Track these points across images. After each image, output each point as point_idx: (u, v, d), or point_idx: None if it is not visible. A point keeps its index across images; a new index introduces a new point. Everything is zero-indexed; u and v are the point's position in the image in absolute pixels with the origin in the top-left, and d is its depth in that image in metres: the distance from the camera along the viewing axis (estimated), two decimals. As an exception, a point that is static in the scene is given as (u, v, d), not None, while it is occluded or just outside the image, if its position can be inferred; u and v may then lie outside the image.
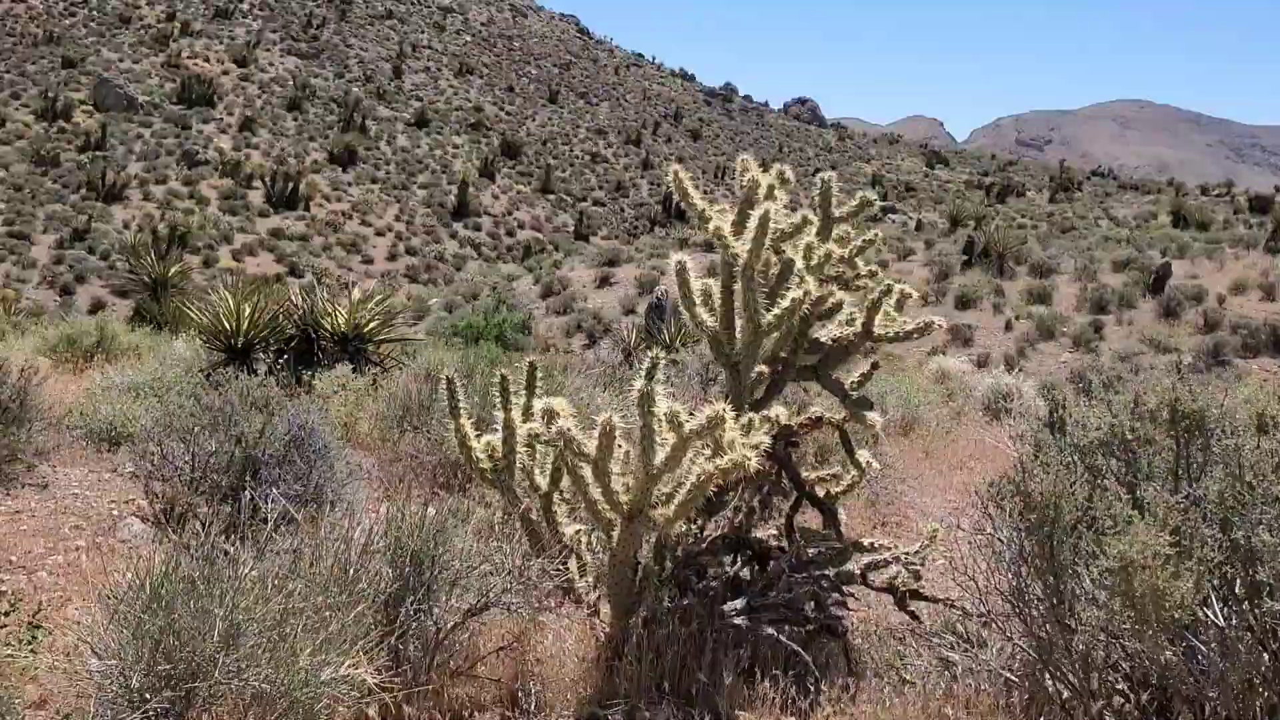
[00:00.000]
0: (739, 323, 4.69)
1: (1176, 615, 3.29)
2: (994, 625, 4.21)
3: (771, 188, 4.72)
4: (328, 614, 3.85)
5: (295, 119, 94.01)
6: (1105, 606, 3.40)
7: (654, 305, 26.76)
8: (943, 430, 12.27)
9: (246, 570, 3.83)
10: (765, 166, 4.91)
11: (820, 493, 5.38)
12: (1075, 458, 3.98)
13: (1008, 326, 34.01)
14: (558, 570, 4.41)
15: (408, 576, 4.03)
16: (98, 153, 77.33)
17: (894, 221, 76.79)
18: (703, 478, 3.86)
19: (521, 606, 4.23)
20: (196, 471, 5.92)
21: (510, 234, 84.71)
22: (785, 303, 4.47)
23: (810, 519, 5.55)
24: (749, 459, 3.76)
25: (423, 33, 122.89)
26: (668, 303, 26.84)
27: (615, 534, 4.17)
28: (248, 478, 6.00)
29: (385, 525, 4.22)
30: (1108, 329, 32.90)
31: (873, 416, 5.19)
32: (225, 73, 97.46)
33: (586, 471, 4.07)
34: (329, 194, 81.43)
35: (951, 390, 16.04)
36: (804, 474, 5.37)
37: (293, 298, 13.30)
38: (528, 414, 4.62)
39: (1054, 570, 3.61)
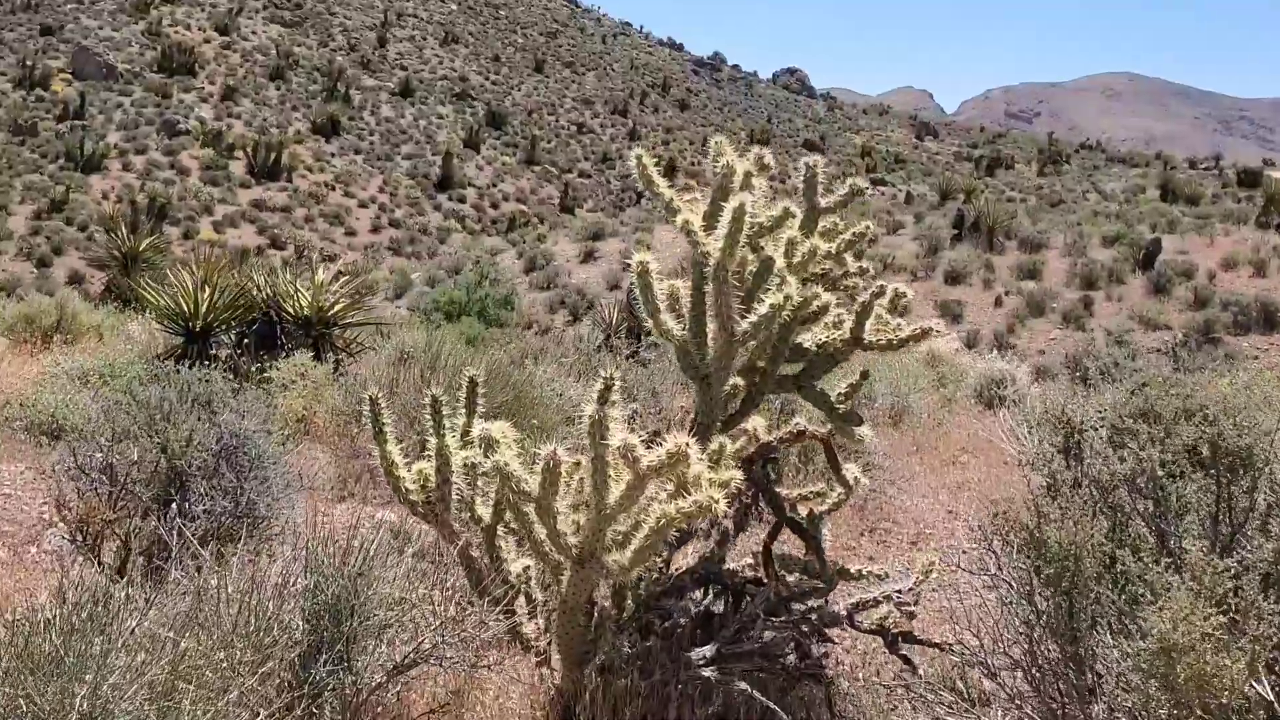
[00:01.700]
0: (710, 328, 4.13)
1: (1224, 699, 2.78)
2: (998, 678, 3.67)
3: (748, 175, 4.13)
4: (229, 673, 3.30)
5: (278, 88, 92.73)
6: (1139, 690, 2.87)
7: (637, 282, 26.11)
8: (934, 421, 11.76)
9: (132, 624, 3.28)
10: (751, 137, 4.33)
11: (803, 511, 4.85)
12: (1094, 491, 3.45)
13: (997, 302, 33.61)
14: (501, 617, 3.85)
15: (323, 629, 3.48)
16: (76, 122, 76.09)
17: (883, 194, 76.34)
18: (662, 522, 3.32)
19: (458, 662, 3.69)
20: (115, 485, 5.36)
21: (495, 206, 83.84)
22: (763, 309, 3.90)
23: (790, 540, 5.02)
24: (715, 501, 3.22)
25: (408, 0, 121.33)
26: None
27: (564, 579, 3.63)
28: (174, 491, 5.44)
29: (304, 563, 3.66)
30: (1097, 305, 32.51)
31: (862, 432, 4.65)
32: (207, 41, 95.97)
33: (532, 512, 3.52)
34: (312, 165, 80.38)
35: (942, 375, 15.50)
36: (784, 491, 4.84)
37: (254, 278, 12.67)
38: (467, 436, 4.04)
39: (1073, 635, 3.09)
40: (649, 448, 3.30)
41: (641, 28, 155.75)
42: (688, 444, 3.21)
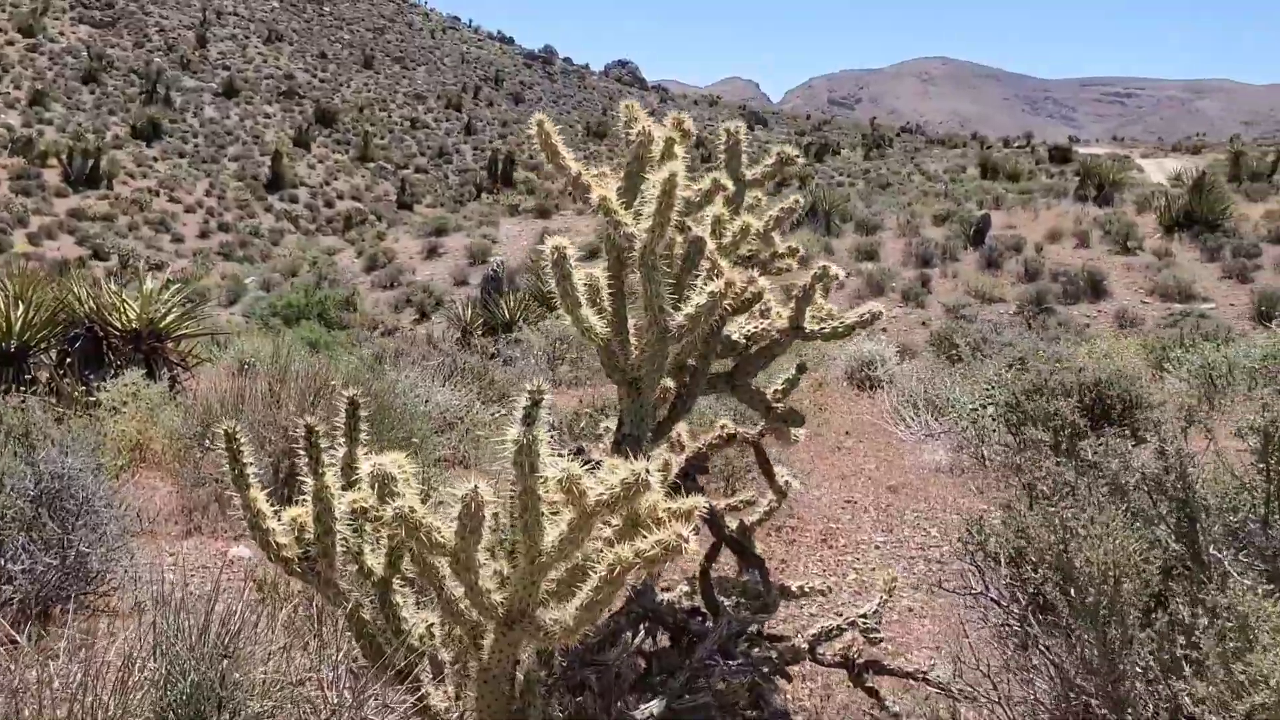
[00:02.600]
0: (633, 323, 3.50)
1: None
2: (981, 703, 3.15)
3: (670, 143, 3.52)
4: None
5: (92, 92, 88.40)
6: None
7: (489, 277, 25.34)
8: (815, 406, 11.37)
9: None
10: (588, 130, 3.66)
11: (732, 523, 4.29)
12: (1098, 494, 2.97)
13: (840, 284, 33.90)
14: (407, 696, 3.15)
15: (183, 732, 2.74)
16: None
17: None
18: (616, 570, 2.67)
19: (356, 753, 2.97)
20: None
21: (329, 205, 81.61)
22: (701, 299, 3.28)
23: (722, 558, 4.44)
24: (684, 540, 2.60)
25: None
26: (504, 273, 25.49)
27: (486, 643, 2.95)
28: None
29: (153, 643, 2.90)
30: (934, 282, 33.08)
31: (798, 432, 4.12)
32: (10, 43, 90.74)
33: (443, 564, 2.83)
34: (134, 170, 76.81)
35: (806, 357, 15.17)
36: (712, 501, 4.26)
37: (76, 290, 11.48)
38: (351, 472, 3.28)
39: (1116, 674, 2.57)
40: (593, 478, 2.66)
41: (470, 21, 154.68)
42: (646, 469, 2.59)
